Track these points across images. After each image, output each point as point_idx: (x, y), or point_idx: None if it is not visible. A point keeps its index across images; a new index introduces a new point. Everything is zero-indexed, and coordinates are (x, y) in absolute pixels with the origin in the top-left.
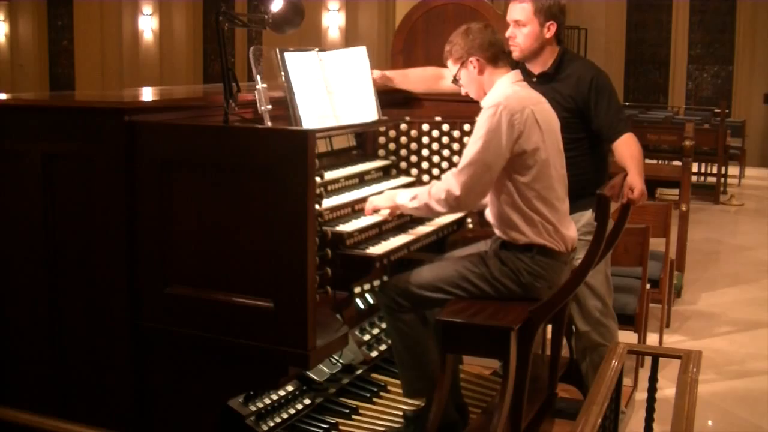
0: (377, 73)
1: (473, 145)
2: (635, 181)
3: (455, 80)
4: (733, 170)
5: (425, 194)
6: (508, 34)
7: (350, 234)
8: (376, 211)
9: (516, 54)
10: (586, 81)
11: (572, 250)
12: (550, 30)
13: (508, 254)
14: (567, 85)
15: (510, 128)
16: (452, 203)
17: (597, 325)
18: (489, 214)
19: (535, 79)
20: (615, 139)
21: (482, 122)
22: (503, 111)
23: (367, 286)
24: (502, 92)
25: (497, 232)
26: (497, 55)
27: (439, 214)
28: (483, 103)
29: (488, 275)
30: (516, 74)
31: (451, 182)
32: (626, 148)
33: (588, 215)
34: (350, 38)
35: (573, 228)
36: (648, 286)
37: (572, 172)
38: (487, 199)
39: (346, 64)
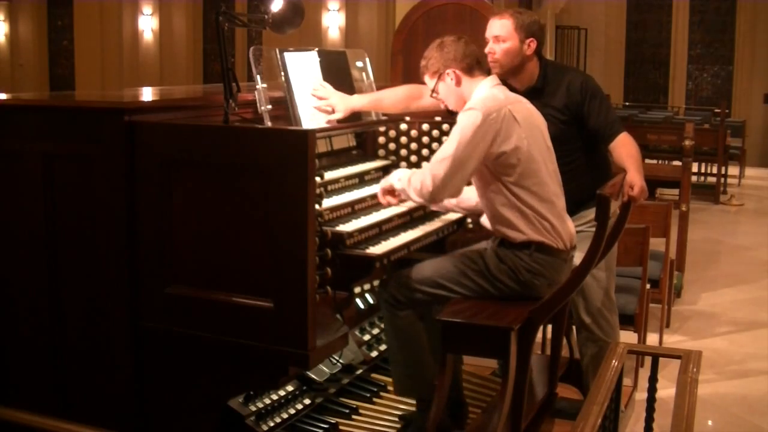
0: (339, 104)
1: (448, 143)
2: (635, 178)
3: (433, 93)
4: (733, 170)
5: (406, 180)
6: (487, 50)
7: (350, 234)
8: (388, 192)
9: (496, 70)
10: (576, 86)
11: (572, 247)
12: (531, 47)
13: (507, 252)
14: (558, 95)
15: (485, 129)
16: (426, 196)
17: (599, 318)
18: (485, 220)
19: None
20: (612, 138)
21: (459, 123)
22: (479, 112)
23: (367, 286)
24: (479, 97)
25: (495, 232)
26: (472, 65)
27: (415, 203)
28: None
29: (487, 273)
30: (493, 79)
31: (426, 176)
32: (624, 149)
33: (592, 213)
34: (350, 38)
35: (571, 225)
36: (648, 286)
37: (574, 183)
38: (482, 205)
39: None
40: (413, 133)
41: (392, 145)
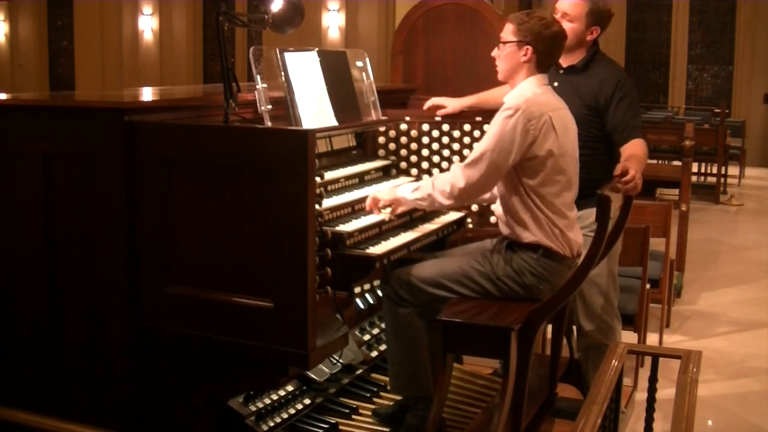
0: (450, 103)
1: (485, 142)
2: (630, 165)
3: (498, 45)
4: (733, 170)
5: (429, 186)
6: None
7: (350, 234)
8: (377, 204)
9: None
10: (611, 82)
11: (577, 255)
12: (593, 34)
13: (514, 255)
14: (592, 82)
15: (524, 134)
16: (456, 195)
17: (601, 324)
18: (498, 209)
19: (562, 71)
20: (624, 142)
21: (498, 122)
22: (521, 115)
23: (367, 286)
24: (524, 94)
25: (504, 228)
26: (548, 64)
27: (441, 206)
28: (506, 99)
29: (492, 274)
30: (543, 77)
31: (457, 175)
32: (631, 148)
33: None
34: (350, 38)
35: (580, 234)
36: (648, 286)
37: (585, 171)
38: (495, 194)
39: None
40: (413, 133)
41: (392, 145)
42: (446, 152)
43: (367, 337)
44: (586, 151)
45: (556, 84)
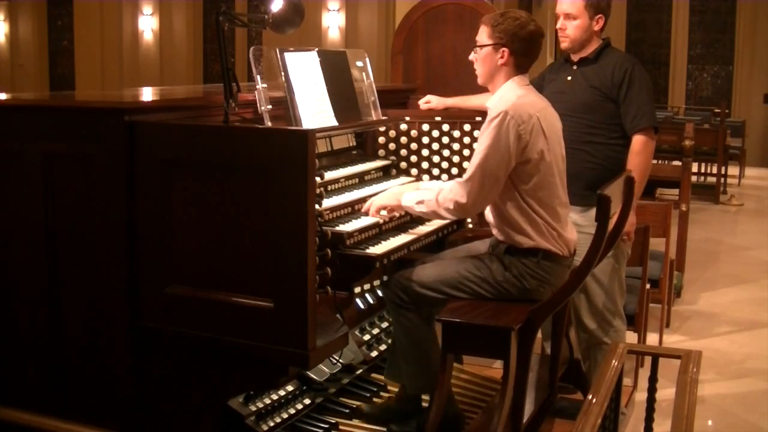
0: (435, 100)
1: (479, 154)
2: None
3: (475, 48)
4: (733, 170)
5: (433, 202)
6: (558, 26)
7: (350, 234)
8: (379, 211)
9: (565, 45)
10: (621, 68)
11: (573, 254)
12: (599, 23)
13: (513, 259)
14: (603, 71)
15: (517, 139)
16: (461, 212)
17: (604, 324)
18: (490, 215)
19: (575, 67)
20: (634, 130)
21: (489, 132)
22: (510, 121)
23: (367, 286)
24: (509, 98)
25: (500, 235)
26: (527, 64)
27: (447, 219)
28: (489, 104)
29: (491, 280)
30: (523, 78)
31: (458, 192)
32: (632, 158)
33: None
34: (350, 38)
35: (574, 231)
36: (648, 286)
37: (596, 158)
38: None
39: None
40: (413, 133)
41: (392, 145)
42: (446, 152)
43: (367, 337)
44: (597, 139)
45: (569, 78)
